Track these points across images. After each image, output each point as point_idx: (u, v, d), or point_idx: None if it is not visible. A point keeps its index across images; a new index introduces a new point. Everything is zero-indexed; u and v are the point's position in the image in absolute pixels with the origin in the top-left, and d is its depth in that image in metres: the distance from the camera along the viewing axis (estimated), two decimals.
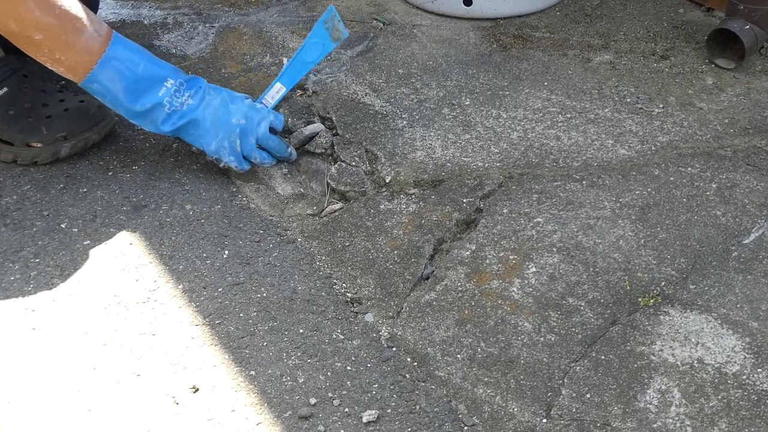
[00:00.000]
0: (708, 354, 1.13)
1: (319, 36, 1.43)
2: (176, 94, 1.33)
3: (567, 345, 1.16)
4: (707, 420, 1.05)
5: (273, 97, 1.46)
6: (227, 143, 1.37)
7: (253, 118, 1.39)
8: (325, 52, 1.45)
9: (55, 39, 1.23)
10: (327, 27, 1.42)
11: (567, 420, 1.06)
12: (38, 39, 1.23)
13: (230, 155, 1.38)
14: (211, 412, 1.07)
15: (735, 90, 1.63)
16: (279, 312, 1.22)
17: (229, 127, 1.36)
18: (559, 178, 1.43)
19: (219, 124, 1.36)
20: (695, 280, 1.24)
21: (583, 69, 1.70)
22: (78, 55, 1.26)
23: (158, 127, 1.35)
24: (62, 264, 1.28)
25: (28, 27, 1.21)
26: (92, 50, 1.27)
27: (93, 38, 1.26)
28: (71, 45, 1.25)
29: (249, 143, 1.39)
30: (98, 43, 1.27)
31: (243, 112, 1.38)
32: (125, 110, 1.33)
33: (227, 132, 1.36)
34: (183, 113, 1.34)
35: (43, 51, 1.25)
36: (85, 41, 1.26)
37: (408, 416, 1.08)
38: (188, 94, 1.35)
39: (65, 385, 1.10)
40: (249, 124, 1.38)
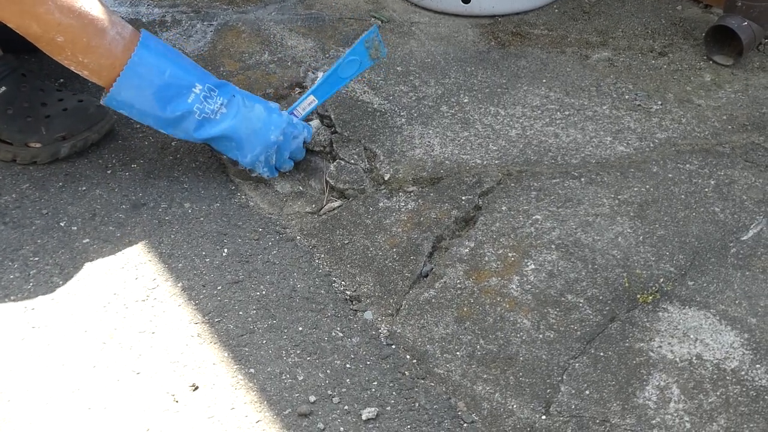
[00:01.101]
0: (707, 350, 1.14)
1: (358, 54, 1.42)
2: (206, 100, 1.30)
3: (566, 342, 1.16)
4: (706, 416, 1.06)
5: (304, 108, 1.45)
6: (263, 158, 1.36)
7: (289, 134, 1.38)
8: (361, 69, 1.44)
9: (76, 41, 1.22)
10: (368, 47, 1.41)
11: (566, 417, 1.07)
12: (60, 41, 1.21)
13: (264, 167, 1.38)
14: (211, 410, 1.07)
15: (733, 87, 1.63)
16: (278, 310, 1.22)
17: (267, 143, 1.35)
18: (558, 175, 1.43)
19: (256, 140, 1.34)
20: (694, 276, 1.24)
21: (581, 66, 1.70)
22: (101, 58, 1.24)
23: (191, 134, 1.32)
24: (61, 262, 1.28)
25: (50, 29, 1.20)
26: (115, 53, 1.25)
27: (116, 41, 1.24)
28: (93, 48, 1.23)
29: (283, 157, 1.40)
30: (122, 46, 1.25)
31: (281, 128, 1.36)
32: (155, 119, 1.31)
33: (264, 147, 1.35)
34: (217, 123, 1.32)
35: (66, 53, 1.23)
36: (108, 44, 1.24)
37: (407, 413, 1.08)
38: (221, 102, 1.32)
39: (65, 383, 1.11)
40: (286, 140, 1.38)
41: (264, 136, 1.35)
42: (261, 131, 1.35)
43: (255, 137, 1.35)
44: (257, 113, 1.35)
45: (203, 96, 1.30)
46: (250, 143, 1.35)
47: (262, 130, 1.35)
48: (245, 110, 1.34)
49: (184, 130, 1.32)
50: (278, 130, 1.36)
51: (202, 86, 1.30)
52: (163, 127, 1.33)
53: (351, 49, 1.42)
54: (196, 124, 1.31)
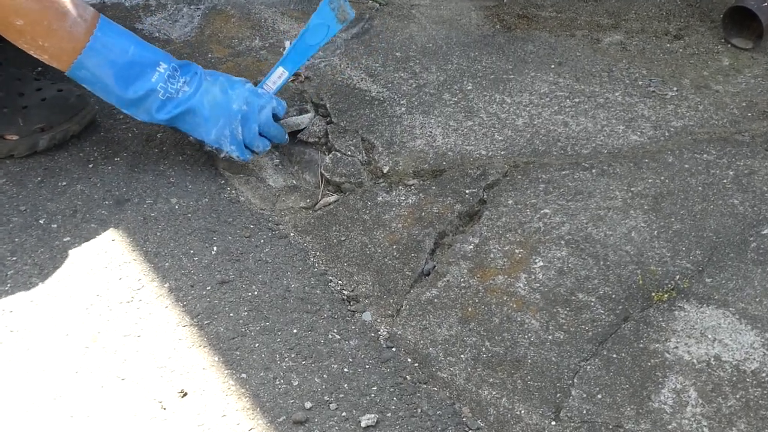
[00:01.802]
0: (725, 351, 1.14)
1: (324, 17, 1.42)
2: (170, 79, 1.33)
3: (577, 343, 1.16)
4: (725, 420, 1.06)
5: (275, 82, 1.46)
6: (228, 131, 1.37)
7: (254, 103, 1.39)
8: (330, 34, 1.45)
9: (36, 24, 1.23)
10: (332, 7, 1.42)
11: (577, 422, 1.07)
12: (19, 25, 1.23)
13: (231, 144, 1.38)
14: (201, 418, 1.08)
15: (753, 71, 1.63)
16: (271, 311, 1.22)
17: (230, 113, 1.36)
18: (568, 166, 1.43)
19: (219, 111, 1.36)
20: (711, 273, 1.25)
21: (592, 50, 1.70)
22: (62, 41, 1.26)
23: (153, 115, 1.34)
24: (41, 262, 1.28)
25: (9, 12, 1.21)
26: (77, 36, 1.27)
27: (77, 23, 1.26)
28: (54, 31, 1.25)
29: (251, 130, 1.39)
30: (83, 29, 1.27)
31: (244, 97, 1.38)
32: (117, 98, 1.33)
33: (228, 119, 1.36)
34: (179, 101, 1.34)
35: (26, 38, 1.25)
36: (69, 26, 1.26)
37: (409, 420, 1.08)
38: (183, 80, 1.34)
39: (46, 389, 1.11)
40: (251, 110, 1.38)
41: (226, 106, 1.36)
42: (222, 102, 1.36)
43: (217, 109, 1.36)
44: (219, 86, 1.37)
45: (168, 75, 1.32)
46: (213, 116, 1.36)
47: (223, 101, 1.36)
48: (206, 84, 1.36)
49: (146, 110, 1.34)
50: (240, 99, 1.37)
51: (167, 65, 1.32)
52: (124, 106, 1.34)
53: (315, 12, 1.42)
54: (159, 104, 1.33)
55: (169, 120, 1.35)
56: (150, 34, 1.74)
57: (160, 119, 1.35)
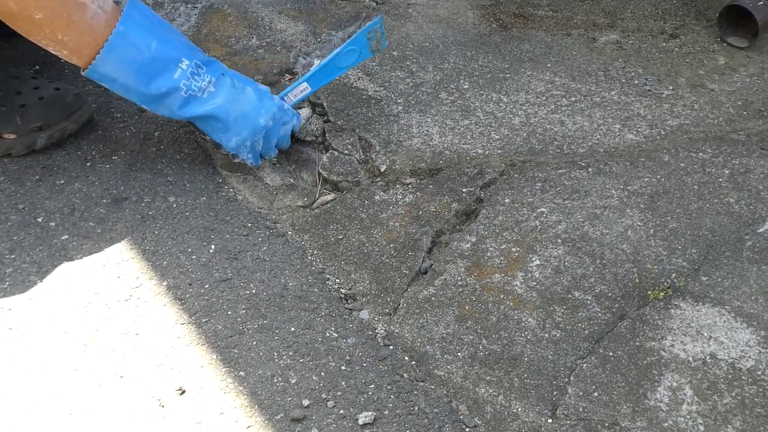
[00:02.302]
0: (721, 349, 1.14)
1: (359, 44, 1.42)
2: (193, 77, 1.30)
3: (573, 341, 1.17)
4: (721, 418, 1.06)
5: (295, 95, 1.45)
6: (250, 143, 1.37)
7: (278, 120, 1.39)
8: (360, 59, 1.45)
9: (56, 17, 1.21)
10: (369, 38, 1.42)
11: (573, 420, 1.07)
12: (39, 18, 1.20)
13: (249, 153, 1.39)
14: (199, 415, 1.08)
15: (748, 70, 1.64)
16: (269, 309, 1.22)
17: (256, 128, 1.36)
18: (564, 165, 1.43)
19: (244, 123, 1.35)
20: (707, 271, 1.25)
21: (588, 49, 1.70)
22: (83, 34, 1.23)
23: (174, 112, 1.32)
24: (39, 260, 1.28)
25: (28, 5, 1.19)
26: (97, 29, 1.24)
27: (97, 15, 1.23)
28: (74, 23, 1.22)
29: (270, 144, 1.40)
30: (104, 21, 1.24)
31: (272, 113, 1.37)
32: (137, 94, 1.31)
33: (252, 132, 1.36)
34: (203, 102, 1.32)
35: (45, 32, 1.22)
36: (90, 18, 1.23)
37: (406, 418, 1.08)
38: (209, 80, 1.32)
39: (44, 387, 1.11)
40: (275, 127, 1.38)
41: (253, 119, 1.35)
42: (250, 114, 1.35)
43: (243, 120, 1.35)
44: (247, 95, 1.36)
45: (190, 72, 1.30)
46: (238, 126, 1.35)
47: (251, 113, 1.35)
48: (235, 91, 1.34)
49: (168, 106, 1.32)
50: (269, 114, 1.36)
51: (189, 62, 1.30)
52: (145, 103, 1.33)
53: (352, 38, 1.42)
54: (182, 102, 1.31)
55: (191, 119, 1.34)
56: None
57: (182, 116, 1.33)
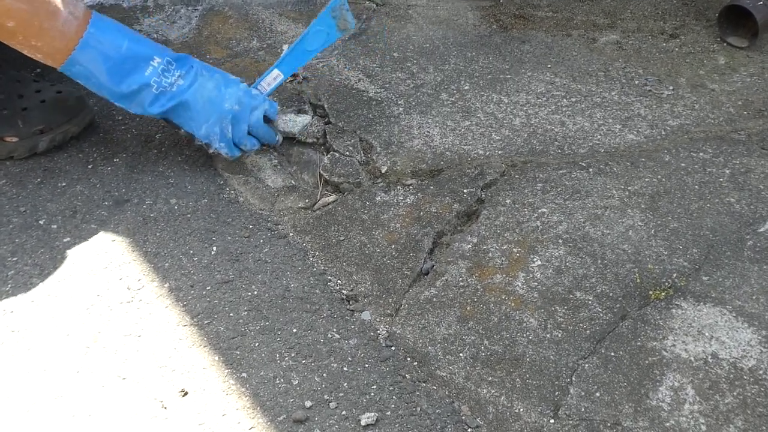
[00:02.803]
0: (723, 348, 1.14)
1: (325, 25, 1.42)
2: (165, 73, 1.33)
3: (575, 341, 1.17)
4: (722, 418, 1.06)
5: (269, 84, 1.46)
6: (218, 129, 1.37)
7: (246, 104, 1.39)
8: (329, 41, 1.45)
9: (28, 25, 1.23)
10: (334, 16, 1.42)
11: (576, 420, 1.07)
12: (11, 26, 1.23)
13: (221, 141, 1.39)
14: (201, 417, 1.08)
15: (748, 70, 1.63)
16: (271, 311, 1.22)
17: (222, 112, 1.37)
18: (565, 165, 1.43)
19: (211, 108, 1.36)
20: (708, 271, 1.25)
21: (588, 50, 1.70)
22: (54, 40, 1.26)
23: (145, 108, 1.34)
24: (41, 263, 1.28)
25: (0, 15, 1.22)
26: (69, 34, 1.27)
27: (69, 21, 1.26)
28: (46, 30, 1.25)
29: (240, 130, 1.40)
30: (75, 26, 1.27)
31: (237, 97, 1.38)
32: (109, 92, 1.33)
33: (219, 117, 1.37)
34: (173, 94, 1.34)
35: (18, 38, 1.25)
36: (61, 25, 1.26)
37: (408, 418, 1.08)
38: (179, 74, 1.34)
39: (47, 389, 1.11)
40: (242, 111, 1.39)
41: (218, 104, 1.36)
42: (215, 99, 1.36)
43: (210, 106, 1.36)
44: (214, 82, 1.37)
45: (161, 69, 1.32)
46: (205, 112, 1.36)
47: (216, 99, 1.36)
48: (202, 79, 1.37)
49: (139, 103, 1.34)
50: (233, 98, 1.38)
51: (161, 59, 1.33)
52: (117, 100, 1.34)
53: (316, 19, 1.42)
54: (152, 98, 1.33)
55: (162, 113, 1.36)
56: (148, 35, 1.73)
57: (153, 112, 1.35)
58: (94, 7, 1.83)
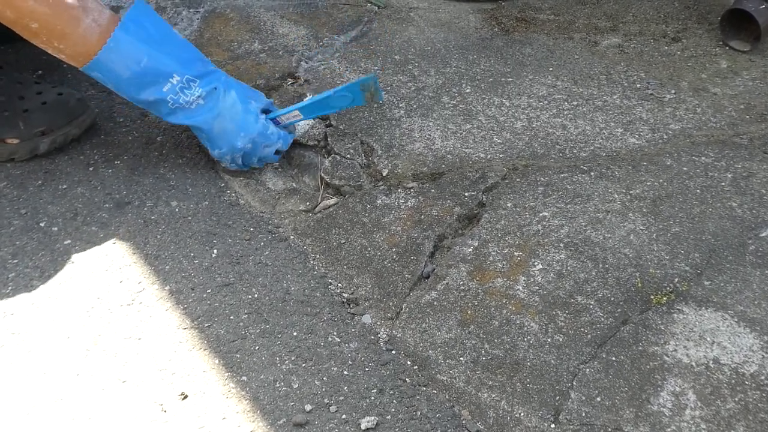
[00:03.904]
0: (724, 354, 1.14)
1: (352, 92, 1.42)
2: (183, 91, 1.32)
3: (576, 346, 1.16)
4: (724, 423, 1.06)
5: (288, 119, 1.45)
6: (230, 156, 1.40)
7: (259, 144, 1.40)
8: (353, 104, 1.44)
9: (50, 28, 1.24)
10: (363, 89, 1.42)
11: (576, 425, 1.07)
12: (35, 28, 1.24)
13: (232, 164, 1.42)
14: (201, 420, 1.08)
15: (751, 74, 1.63)
16: (271, 314, 1.22)
17: (234, 148, 1.38)
18: (566, 169, 1.43)
19: (224, 139, 1.37)
20: (710, 275, 1.25)
21: (590, 53, 1.70)
22: (76, 45, 1.27)
23: (162, 116, 1.35)
24: (42, 265, 1.28)
25: (24, 15, 1.22)
26: (90, 41, 1.27)
27: (91, 29, 1.26)
28: (68, 35, 1.25)
29: (251, 161, 1.43)
30: (97, 34, 1.27)
31: (251, 137, 1.38)
32: (129, 98, 1.34)
33: (230, 150, 1.38)
34: (191, 113, 1.34)
35: (42, 39, 1.26)
36: (83, 31, 1.26)
37: (409, 423, 1.08)
38: (198, 93, 1.33)
39: (47, 392, 1.11)
40: (254, 149, 1.40)
41: (232, 139, 1.37)
42: (231, 133, 1.37)
43: (224, 137, 1.37)
44: (233, 113, 1.37)
45: (180, 87, 1.32)
46: (219, 141, 1.38)
47: (232, 133, 1.37)
48: (221, 105, 1.36)
49: (158, 111, 1.35)
50: (247, 138, 1.38)
51: (180, 78, 1.32)
52: (137, 104, 1.35)
53: (346, 85, 1.41)
54: (168, 111, 1.34)
55: (178, 124, 1.38)
56: None
57: (170, 122, 1.36)
58: None
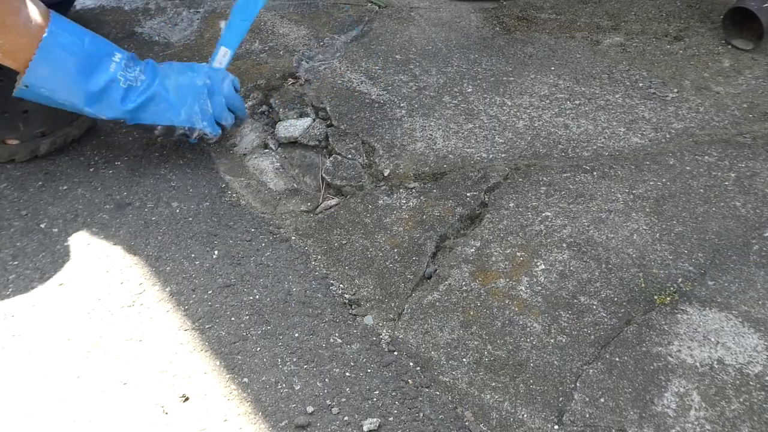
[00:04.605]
0: (728, 354, 1.13)
1: None
2: (127, 69, 1.33)
3: (579, 346, 1.16)
4: (729, 424, 1.05)
5: (221, 62, 1.48)
6: (198, 108, 1.38)
7: (216, 77, 1.42)
8: (258, 7, 1.45)
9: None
10: None
11: (580, 426, 1.07)
12: None
13: (203, 120, 1.40)
14: (203, 422, 1.07)
15: (753, 72, 1.63)
16: (273, 315, 1.21)
17: (197, 90, 1.38)
18: (569, 169, 1.43)
19: (185, 92, 1.38)
20: (714, 275, 1.24)
21: (591, 52, 1.70)
22: (18, 36, 1.24)
23: (118, 107, 1.33)
24: (42, 266, 1.28)
25: None
26: (32, 31, 1.25)
27: (31, 19, 1.25)
28: (9, 26, 1.23)
29: (219, 103, 1.42)
30: (37, 24, 1.26)
31: (205, 72, 1.40)
32: (80, 92, 1.30)
33: (195, 96, 1.38)
34: (140, 90, 1.35)
35: None
36: (24, 22, 1.24)
37: (411, 424, 1.08)
38: (139, 69, 1.35)
39: (47, 394, 1.10)
40: (215, 84, 1.41)
41: (191, 84, 1.38)
42: (186, 82, 1.38)
43: (182, 90, 1.37)
44: (177, 70, 1.39)
45: (124, 64, 1.33)
46: (180, 96, 1.37)
47: (187, 81, 1.38)
48: (163, 71, 1.38)
49: (111, 103, 1.32)
50: (202, 75, 1.40)
51: (121, 55, 1.33)
52: (89, 103, 1.32)
53: None
54: (123, 94, 1.33)
55: (135, 110, 1.34)
56: (150, 38, 1.73)
57: (126, 110, 1.33)
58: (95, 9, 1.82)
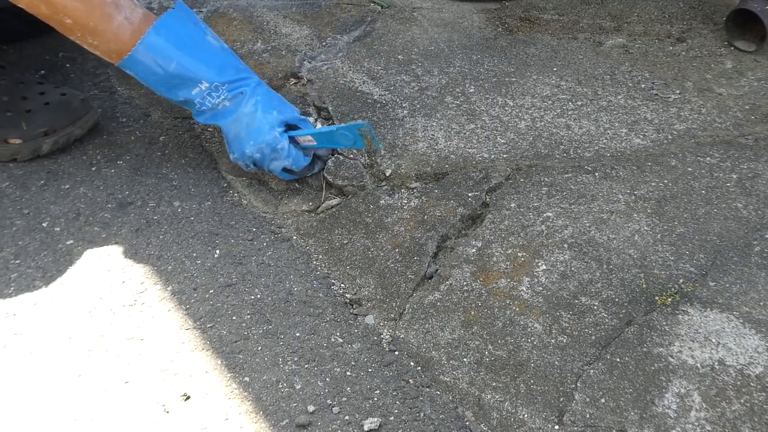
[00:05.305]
0: (729, 355, 1.14)
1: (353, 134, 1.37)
2: (210, 95, 1.33)
3: (580, 347, 1.16)
4: (729, 425, 1.05)
5: (304, 142, 1.40)
6: (242, 163, 1.39)
7: (266, 156, 1.37)
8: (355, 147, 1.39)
9: (83, 24, 1.26)
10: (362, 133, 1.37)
11: (581, 426, 1.07)
12: (69, 23, 1.25)
13: (247, 168, 1.41)
14: (204, 421, 1.07)
15: (756, 74, 1.63)
16: (274, 314, 1.22)
17: (244, 153, 1.37)
18: (570, 169, 1.43)
19: (237, 144, 1.37)
20: (715, 276, 1.24)
21: (594, 53, 1.70)
22: (109, 42, 1.28)
23: (192, 116, 1.38)
24: (44, 265, 1.28)
25: (58, 11, 1.24)
26: (123, 39, 1.27)
27: (123, 27, 1.27)
28: (101, 32, 1.27)
29: (261, 169, 1.41)
30: (129, 33, 1.27)
31: (259, 147, 1.35)
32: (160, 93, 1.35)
33: (241, 155, 1.38)
34: (217, 114, 1.35)
35: (76, 35, 1.27)
36: (116, 28, 1.27)
37: (412, 424, 1.08)
38: (224, 97, 1.34)
39: (49, 393, 1.11)
40: (262, 160, 1.38)
41: (243, 144, 1.36)
42: (242, 139, 1.36)
43: (237, 141, 1.37)
44: (249, 119, 1.35)
45: (207, 92, 1.32)
46: (233, 144, 1.37)
47: (243, 138, 1.36)
48: (240, 110, 1.34)
49: (187, 108, 1.37)
50: (256, 146, 1.36)
51: (209, 84, 1.32)
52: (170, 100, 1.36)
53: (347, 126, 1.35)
54: (195, 111, 1.36)
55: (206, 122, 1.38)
56: None
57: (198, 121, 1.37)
58: None
